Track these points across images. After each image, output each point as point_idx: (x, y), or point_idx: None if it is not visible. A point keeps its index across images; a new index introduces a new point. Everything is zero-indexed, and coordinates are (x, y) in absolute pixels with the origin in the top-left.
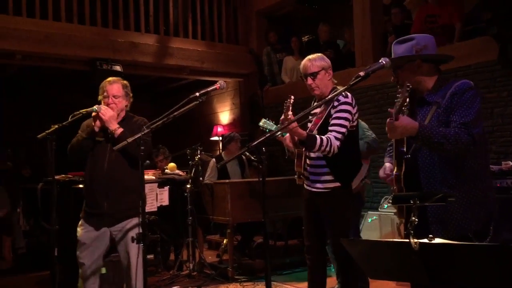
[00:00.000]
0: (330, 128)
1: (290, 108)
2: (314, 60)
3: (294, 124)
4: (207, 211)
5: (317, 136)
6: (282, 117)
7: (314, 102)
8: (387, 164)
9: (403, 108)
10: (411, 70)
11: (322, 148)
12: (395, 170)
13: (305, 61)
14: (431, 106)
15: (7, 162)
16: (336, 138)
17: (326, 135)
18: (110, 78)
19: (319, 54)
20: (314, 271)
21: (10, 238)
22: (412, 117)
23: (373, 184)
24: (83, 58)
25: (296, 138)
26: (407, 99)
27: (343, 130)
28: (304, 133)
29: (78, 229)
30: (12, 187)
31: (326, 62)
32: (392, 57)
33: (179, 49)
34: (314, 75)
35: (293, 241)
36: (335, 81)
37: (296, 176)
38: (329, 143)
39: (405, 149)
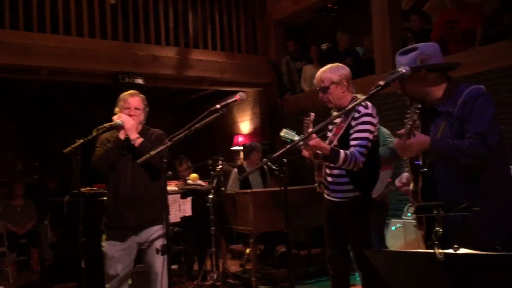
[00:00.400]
0: (353, 142)
1: (310, 126)
2: (325, 73)
3: (317, 140)
4: (230, 221)
5: (341, 151)
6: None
7: (333, 112)
8: (405, 174)
9: (415, 128)
10: (417, 81)
11: (346, 164)
12: (411, 185)
13: (318, 73)
14: (442, 117)
15: (34, 175)
16: (360, 153)
17: (350, 150)
18: (130, 91)
19: (334, 65)
20: (337, 280)
21: (37, 249)
22: (424, 131)
23: (396, 192)
24: (106, 72)
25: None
26: (417, 121)
27: (367, 143)
28: (328, 147)
29: (103, 243)
30: (39, 200)
31: (338, 75)
32: (397, 68)
33: (199, 61)
34: (324, 90)
35: (316, 250)
36: (354, 91)
37: (316, 184)
38: (353, 159)
39: (421, 162)
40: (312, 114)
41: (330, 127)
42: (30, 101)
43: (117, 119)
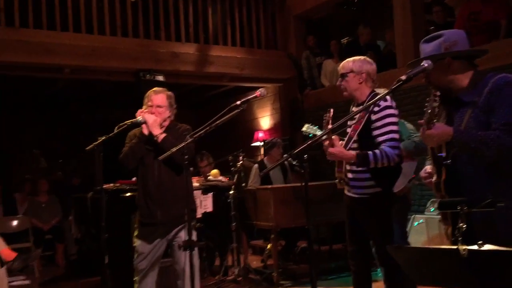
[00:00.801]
0: (380, 139)
1: (330, 122)
2: (348, 62)
3: (340, 150)
4: (251, 217)
5: (369, 154)
6: (327, 142)
7: (353, 106)
8: (430, 166)
9: (434, 116)
10: (442, 69)
11: (379, 163)
12: (434, 177)
13: (348, 60)
14: (468, 106)
15: (58, 172)
16: (391, 147)
17: (379, 148)
18: (156, 88)
19: (362, 57)
20: (359, 276)
21: (62, 245)
22: (448, 122)
23: (419, 187)
24: (127, 70)
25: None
26: (436, 109)
27: (395, 135)
28: (353, 155)
29: (135, 239)
30: (63, 196)
31: (360, 66)
32: (421, 56)
33: (219, 57)
34: (343, 76)
35: (338, 246)
36: (375, 86)
37: (337, 181)
38: (385, 156)
39: (444, 154)
40: (331, 110)
41: (349, 122)
42: (54, 100)
43: (138, 115)
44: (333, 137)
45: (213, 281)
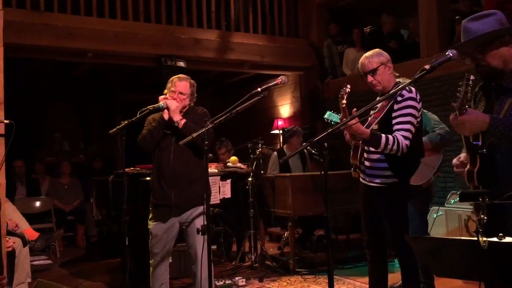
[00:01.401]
0: (396, 126)
1: (345, 97)
2: (371, 57)
3: (358, 124)
4: (268, 204)
5: (382, 135)
6: (341, 114)
7: (379, 97)
8: (463, 154)
9: (466, 101)
10: (499, 47)
11: (389, 147)
12: (467, 166)
13: (362, 59)
14: (510, 94)
15: (80, 155)
16: (404, 137)
17: (393, 134)
18: (181, 75)
19: (376, 50)
20: (375, 265)
21: (83, 226)
22: (488, 110)
23: (440, 178)
24: (149, 55)
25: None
26: (469, 93)
27: (411, 127)
28: (367, 132)
29: (149, 221)
30: (85, 179)
31: (384, 56)
32: (464, 38)
33: (240, 44)
34: (373, 72)
35: (355, 235)
36: (397, 74)
37: (352, 169)
38: (396, 142)
39: (480, 143)
40: (348, 86)
41: (371, 112)
42: (78, 85)
43: (161, 101)
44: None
45: (229, 266)
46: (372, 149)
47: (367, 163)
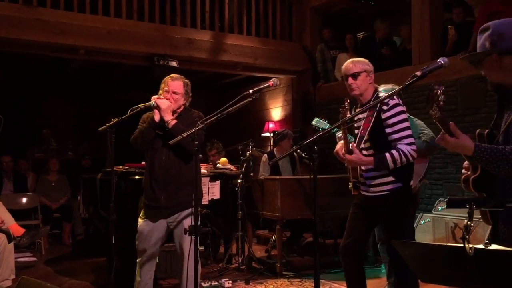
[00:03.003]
0: (395, 136)
1: (347, 113)
2: (357, 62)
3: (358, 156)
4: (257, 207)
5: (387, 155)
6: (339, 147)
7: (357, 108)
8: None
9: (438, 105)
10: (491, 66)
11: (398, 162)
12: (468, 172)
13: (347, 62)
14: None
15: (69, 152)
16: (408, 144)
17: (396, 148)
18: (173, 75)
19: (364, 59)
20: (349, 272)
21: (70, 224)
22: (497, 124)
23: (426, 186)
24: (142, 54)
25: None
26: (440, 100)
27: (410, 132)
28: (371, 160)
29: (139, 219)
30: (74, 177)
31: (369, 66)
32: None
33: (233, 46)
34: (355, 75)
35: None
36: (377, 86)
37: (350, 186)
38: (403, 154)
39: None
40: (348, 100)
41: (356, 124)
42: (71, 82)
43: (153, 100)
44: (350, 145)
45: (216, 268)
46: None
47: (366, 174)
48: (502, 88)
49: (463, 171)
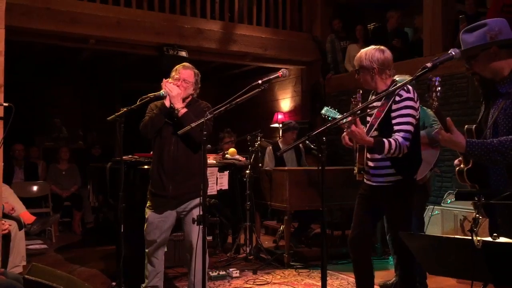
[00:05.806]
0: (396, 127)
1: (359, 104)
2: (361, 55)
3: (362, 132)
4: (265, 197)
5: (385, 141)
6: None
7: (372, 95)
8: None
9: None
10: (487, 59)
11: (391, 151)
12: (460, 165)
13: (361, 53)
14: (502, 98)
15: (79, 141)
16: (404, 138)
17: (393, 137)
18: (185, 63)
19: (381, 47)
20: (357, 263)
21: (80, 212)
22: (487, 114)
23: (436, 178)
24: (151, 44)
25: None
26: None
27: (410, 128)
28: (371, 140)
29: (147, 209)
30: (84, 166)
31: (370, 60)
32: (462, 47)
33: (243, 36)
34: (357, 71)
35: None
36: (393, 71)
37: (355, 171)
38: (398, 146)
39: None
40: (360, 91)
41: (369, 111)
42: (80, 71)
43: (163, 87)
44: (357, 118)
45: (224, 258)
46: None
47: (370, 163)
48: (488, 84)
49: (456, 163)
